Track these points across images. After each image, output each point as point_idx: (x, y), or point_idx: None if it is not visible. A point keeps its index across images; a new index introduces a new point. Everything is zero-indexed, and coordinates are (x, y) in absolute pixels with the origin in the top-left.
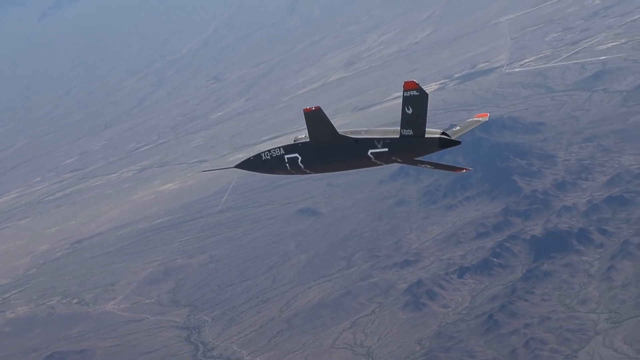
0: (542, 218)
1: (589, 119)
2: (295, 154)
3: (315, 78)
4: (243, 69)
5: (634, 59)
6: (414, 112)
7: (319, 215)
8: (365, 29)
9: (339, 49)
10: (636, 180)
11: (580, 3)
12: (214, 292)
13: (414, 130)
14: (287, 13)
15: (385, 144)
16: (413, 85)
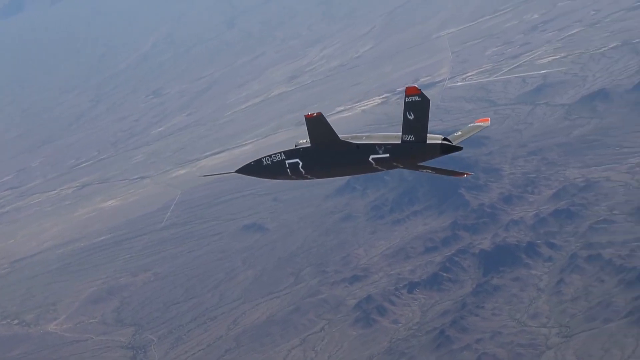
0: (490, 232)
1: (532, 132)
2: (296, 159)
3: (258, 92)
4: (183, 83)
5: (574, 73)
6: (416, 117)
7: (265, 230)
8: (306, 43)
9: (281, 63)
10: (581, 194)
11: (519, 18)
12: (159, 310)
13: (415, 136)
14: (226, 27)
15: (387, 150)
16: (415, 90)
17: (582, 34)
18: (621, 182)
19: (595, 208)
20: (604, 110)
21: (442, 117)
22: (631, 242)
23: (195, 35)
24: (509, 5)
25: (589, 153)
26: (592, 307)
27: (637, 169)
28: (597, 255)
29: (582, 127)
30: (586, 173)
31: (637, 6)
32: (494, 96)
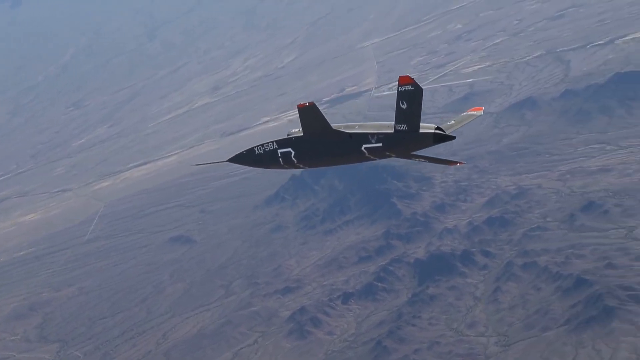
0: (424, 241)
1: (462, 140)
2: (288, 149)
3: (181, 103)
4: (104, 95)
5: (500, 81)
6: (409, 107)
7: (192, 242)
8: (228, 54)
9: (204, 74)
10: (514, 201)
11: (442, 27)
12: (85, 325)
13: (408, 125)
14: (147, 39)
15: (379, 139)
16: (408, 79)
17: (506, 43)
18: (553, 190)
19: (528, 215)
20: (532, 119)
21: None
22: (566, 249)
23: (115, 47)
24: (431, 15)
25: (520, 161)
26: (530, 315)
27: (567, 176)
28: (533, 262)
29: (511, 135)
30: (517, 181)
31: (559, 16)
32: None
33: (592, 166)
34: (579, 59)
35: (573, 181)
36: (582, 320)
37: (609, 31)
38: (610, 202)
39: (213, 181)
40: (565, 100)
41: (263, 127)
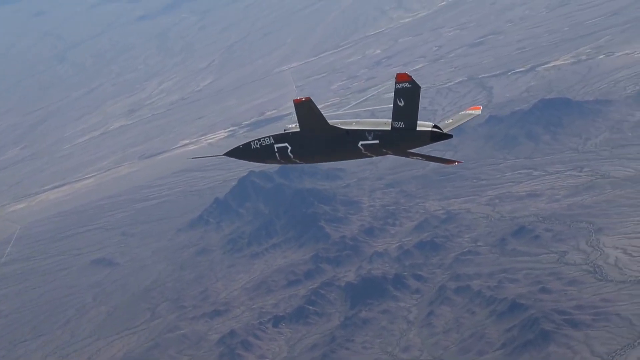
0: (354, 264)
1: (387, 165)
2: (285, 144)
3: (96, 126)
4: (15, 116)
5: (423, 107)
6: (406, 104)
7: (115, 265)
8: (143, 76)
9: (119, 97)
10: (444, 225)
11: (361, 53)
12: (5, 349)
13: (405, 123)
14: (57, 61)
15: (376, 136)
16: (405, 77)
17: (427, 68)
18: (482, 214)
19: (458, 240)
20: (458, 143)
21: None
22: (498, 274)
23: (25, 68)
24: (349, 40)
25: (447, 185)
26: (465, 339)
27: (496, 201)
28: (466, 286)
29: None
30: (446, 205)
31: (479, 43)
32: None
33: (521, 191)
34: (501, 85)
35: (502, 206)
36: (518, 344)
37: (530, 59)
38: (540, 227)
39: (133, 204)
40: (490, 126)
41: (182, 150)
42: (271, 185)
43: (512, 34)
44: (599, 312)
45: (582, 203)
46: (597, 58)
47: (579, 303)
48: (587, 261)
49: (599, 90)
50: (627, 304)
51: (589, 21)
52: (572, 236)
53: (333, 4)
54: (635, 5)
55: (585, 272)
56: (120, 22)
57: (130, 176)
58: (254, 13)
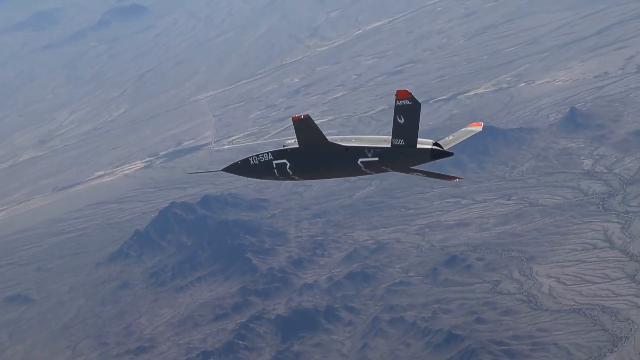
0: (283, 297)
1: (312, 194)
2: (283, 160)
3: (4, 157)
4: None
5: (344, 136)
6: (406, 121)
7: (31, 302)
8: (52, 106)
9: (27, 127)
10: (374, 256)
11: (278, 81)
12: None
13: (405, 140)
14: None
15: (376, 153)
16: (405, 94)
17: (347, 97)
18: (412, 244)
19: (389, 270)
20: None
21: (214, 180)
22: (432, 304)
23: None
24: (266, 69)
25: (375, 215)
26: None
27: (426, 230)
28: (400, 318)
29: (363, 189)
30: (375, 235)
31: (398, 71)
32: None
33: (450, 220)
34: (424, 113)
35: (432, 235)
36: None
37: (450, 87)
38: (472, 256)
39: (48, 237)
40: None
41: (98, 182)
42: (194, 216)
43: (430, 62)
44: (537, 342)
45: (513, 231)
46: (518, 86)
47: (515, 333)
48: (521, 290)
49: (523, 118)
50: (564, 333)
51: (506, 50)
52: (505, 265)
53: (246, 33)
54: (551, 35)
55: (520, 302)
56: (26, 51)
57: (44, 209)
58: (165, 42)
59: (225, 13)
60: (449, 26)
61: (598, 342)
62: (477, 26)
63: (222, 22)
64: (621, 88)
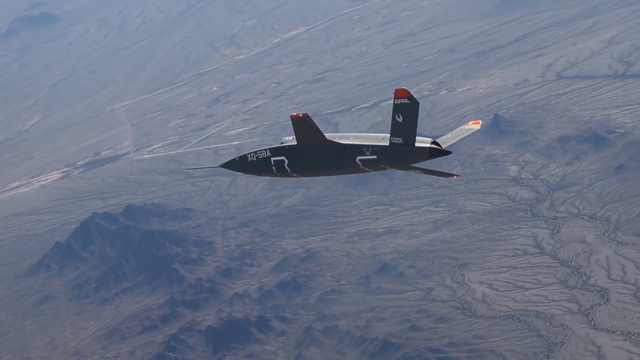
0: (213, 307)
1: (238, 204)
2: (282, 157)
3: None
4: None
5: (269, 144)
6: (404, 120)
7: None
8: None
9: None
10: (304, 264)
11: (197, 90)
12: None
13: (404, 139)
14: None
15: (374, 152)
16: (404, 93)
17: (268, 105)
18: (342, 252)
19: (320, 279)
20: (310, 180)
21: (136, 190)
22: (366, 313)
23: None
24: (183, 78)
25: (303, 223)
26: None
27: (355, 238)
28: (334, 327)
29: (290, 197)
30: (304, 243)
31: (318, 79)
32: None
33: (379, 228)
34: (347, 121)
35: (362, 243)
36: None
37: (372, 94)
38: (403, 263)
39: None
40: None
41: (14, 193)
42: (117, 227)
43: (350, 70)
44: (473, 349)
45: (443, 238)
46: (439, 94)
47: (451, 340)
48: (454, 297)
49: (446, 126)
50: (500, 339)
51: (426, 58)
52: (437, 272)
53: (160, 41)
54: (469, 43)
55: (454, 309)
56: None
57: None
58: (77, 51)
59: (139, 21)
60: (367, 34)
61: (534, 348)
62: (395, 34)
63: (136, 31)
64: (542, 95)
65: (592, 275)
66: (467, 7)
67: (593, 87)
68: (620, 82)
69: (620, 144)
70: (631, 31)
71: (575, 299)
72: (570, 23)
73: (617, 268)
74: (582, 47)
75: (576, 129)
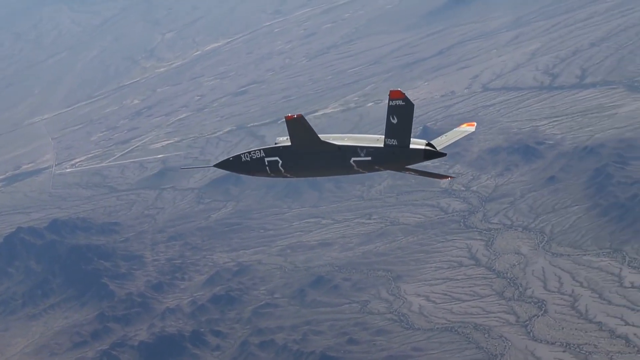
0: (145, 322)
1: (166, 217)
2: (275, 157)
3: None
4: None
5: (194, 157)
6: (399, 122)
7: None
8: None
9: None
10: (237, 278)
11: (118, 103)
12: None
13: (398, 140)
14: None
15: (369, 153)
16: (399, 94)
17: (192, 118)
18: (275, 265)
19: (254, 292)
20: (239, 193)
21: (60, 204)
22: (302, 326)
23: None
24: (104, 91)
25: (234, 237)
26: None
27: (288, 251)
28: (270, 341)
29: (219, 210)
30: (236, 257)
31: (242, 92)
32: (112, 182)
33: (312, 240)
34: (274, 134)
35: (295, 256)
36: None
37: (298, 107)
38: (338, 276)
39: None
40: None
41: None
42: (42, 241)
43: (275, 82)
44: None
45: (377, 251)
46: (366, 106)
47: (390, 353)
48: (390, 310)
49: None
50: (439, 352)
51: (350, 70)
52: (372, 285)
53: (78, 54)
54: (393, 55)
55: (391, 321)
56: None
57: None
58: None
59: (54, 35)
60: (290, 47)
61: None
62: (318, 47)
63: (52, 44)
64: (469, 107)
65: (528, 286)
66: (389, 19)
67: (520, 98)
68: (547, 94)
69: (550, 155)
70: (554, 43)
71: (513, 310)
72: (493, 35)
73: (553, 279)
74: (507, 59)
75: (505, 141)
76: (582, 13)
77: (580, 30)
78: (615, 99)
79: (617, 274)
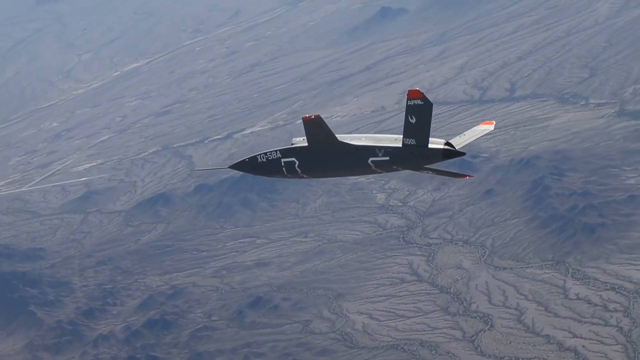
0: (77, 350)
1: (94, 241)
2: (292, 158)
3: None
4: None
5: (119, 179)
6: (418, 121)
7: None
8: None
9: None
10: (171, 301)
11: (35, 126)
12: None
13: (417, 140)
14: None
15: (387, 153)
16: (417, 94)
17: (115, 140)
18: (211, 287)
19: (190, 315)
20: (169, 215)
21: None
22: (242, 349)
23: None
24: (19, 114)
25: (166, 259)
26: None
27: (223, 272)
28: None
29: (149, 233)
30: (169, 280)
31: (165, 112)
32: (34, 207)
33: (247, 261)
34: (201, 153)
35: (231, 277)
36: None
37: (224, 125)
38: (277, 296)
39: None
40: (200, 195)
41: None
42: None
43: (199, 102)
44: None
45: (315, 269)
46: (295, 123)
47: None
48: (333, 329)
49: None
50: None
51: (277, 87)
52: (313, 304)
53: None
54: (320, 72)
55: (335, 341)
56: None
57: None
58: None
59: None
60: (212, 65)
61: None
62: (241, 65)
63: None
64: (401, 122)
65: (472, 301)
66: (312, 36)
67: (451, 112)
68: (478, 107)
69: (486, 168)
70: (481, 57)
71: (459, 325)
72: (419, 50)
73: (497, 293)
74: (435, 74)
75: None
76: (508, 27)
77: (507, 44)
78: (547, 111)
79: (561, 285)
